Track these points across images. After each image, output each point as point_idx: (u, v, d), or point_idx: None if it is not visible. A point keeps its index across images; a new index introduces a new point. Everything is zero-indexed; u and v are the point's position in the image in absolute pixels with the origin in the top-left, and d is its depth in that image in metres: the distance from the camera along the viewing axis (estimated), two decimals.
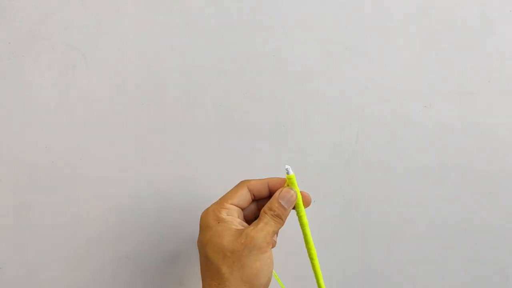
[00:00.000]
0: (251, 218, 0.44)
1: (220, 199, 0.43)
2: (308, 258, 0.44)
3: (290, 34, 0.51)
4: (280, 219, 0.41)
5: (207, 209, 0.42)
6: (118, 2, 0.49)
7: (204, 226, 0.41)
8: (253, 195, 0.43)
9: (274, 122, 0.51)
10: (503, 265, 0.53)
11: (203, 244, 0.41)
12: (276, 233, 0.43)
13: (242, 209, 0.43)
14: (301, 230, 0.43)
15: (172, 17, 0.50)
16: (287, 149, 0.51)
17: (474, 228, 0.52)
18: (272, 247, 0.42)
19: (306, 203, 0.44)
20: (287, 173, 0.42)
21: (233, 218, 0.41)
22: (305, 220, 0.43)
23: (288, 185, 0.42)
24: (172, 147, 0.51)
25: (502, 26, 0.51)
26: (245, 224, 0.42)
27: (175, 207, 0.52)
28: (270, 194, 0.43)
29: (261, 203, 0.44)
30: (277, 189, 0.42)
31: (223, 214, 0.41)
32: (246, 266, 0.39)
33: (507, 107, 0.52)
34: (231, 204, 0.42)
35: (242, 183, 0.43)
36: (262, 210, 0.42)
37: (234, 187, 0.43)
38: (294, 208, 0.43)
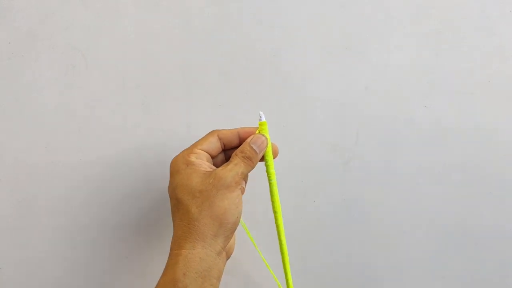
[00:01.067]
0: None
1: (189, 146, 0.42)
2: (273, 212, 0.44)
3: (290, 34, 0.51)
4: (251, 161, 0.41)
5: (177, 155, 0.42)
6: (118, 2, 0.49)
7: (174, 171, 0.41)
8: (223, 144, 0.43)
9: (274, 122, 0.51)
10: (503, 265, 0.53)
11: (173, 188, 0.41)
12: (245, 176, 0.42)
13: (212, 157, 0.43)
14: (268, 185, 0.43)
15: (172, 17, 0.50)
16: (287, 149, 0.51)
17: (474, 228, 0.52)
18: (242, 193, 0.42)
19: (274, 153, 0.44)
20: (260, 119, 0.42)
21: (202, 161, 0.41)
22: (273, 170, 0.43)
23: (259, 132, 0.42)
24: (172, 147, 0.51)
25: (502, 26, 0.51)
26: (214, 168, 0.42)
27: None
28: (240, 143, 0.43)
29: (231, 153, 0.43)
30: (248, 137, 0.42)
31: (192, 158, 0.41)
32: (214, 204, 0.39)
33: (507, 107, 0.52)
34: (201, 150, 0.42)
35: (212, 132, 0.43)
36: (233, 153, 0.42)
37: (204, 136, 0.43)
38: (262, 159, 0.43)
